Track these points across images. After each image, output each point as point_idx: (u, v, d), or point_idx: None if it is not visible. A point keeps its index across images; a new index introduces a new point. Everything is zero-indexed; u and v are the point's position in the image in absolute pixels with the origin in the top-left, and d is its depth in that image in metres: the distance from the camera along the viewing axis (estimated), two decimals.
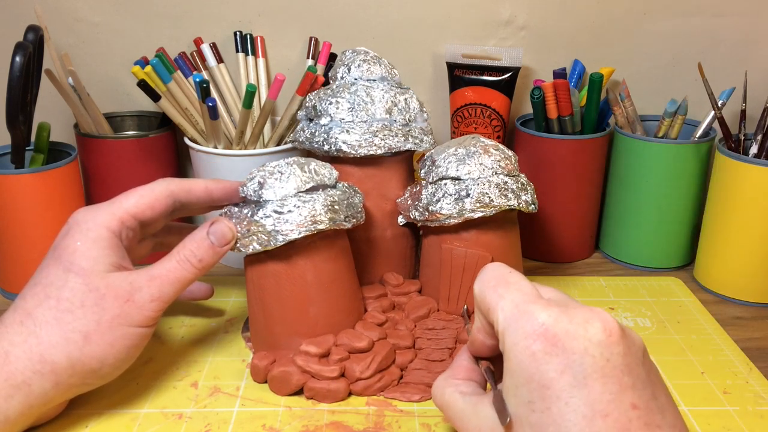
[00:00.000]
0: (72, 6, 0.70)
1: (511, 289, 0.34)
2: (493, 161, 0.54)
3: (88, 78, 0.72)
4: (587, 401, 0.29)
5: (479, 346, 0.39)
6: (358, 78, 0.58)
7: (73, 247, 0.43)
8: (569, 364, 0.30)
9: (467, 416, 0.36)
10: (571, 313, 0.32)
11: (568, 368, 0.30)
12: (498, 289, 0.34)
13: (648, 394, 0.31)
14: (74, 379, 0.42)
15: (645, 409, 0.30)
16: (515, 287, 0.34)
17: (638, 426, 0.29)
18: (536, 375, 0.30)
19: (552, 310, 0.32)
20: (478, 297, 0.36)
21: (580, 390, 0.30)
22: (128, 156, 0.67)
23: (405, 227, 0.60)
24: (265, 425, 0.46)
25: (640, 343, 0.33)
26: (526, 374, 0.31)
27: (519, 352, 0.31)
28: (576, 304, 0.33)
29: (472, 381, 0.40)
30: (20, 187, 0.57)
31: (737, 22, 0.72)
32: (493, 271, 0.36)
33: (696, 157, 0.65)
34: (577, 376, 0.30)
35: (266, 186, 0.48)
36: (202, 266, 0.46)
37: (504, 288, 0.34)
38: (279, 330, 0.50)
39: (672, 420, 0.31)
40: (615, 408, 0.29)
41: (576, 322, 0.31)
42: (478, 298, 0.36)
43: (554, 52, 0.74)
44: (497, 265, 0.37)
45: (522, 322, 0.32)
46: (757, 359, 0.54)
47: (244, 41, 0.71)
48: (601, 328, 0.31)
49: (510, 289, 0.34)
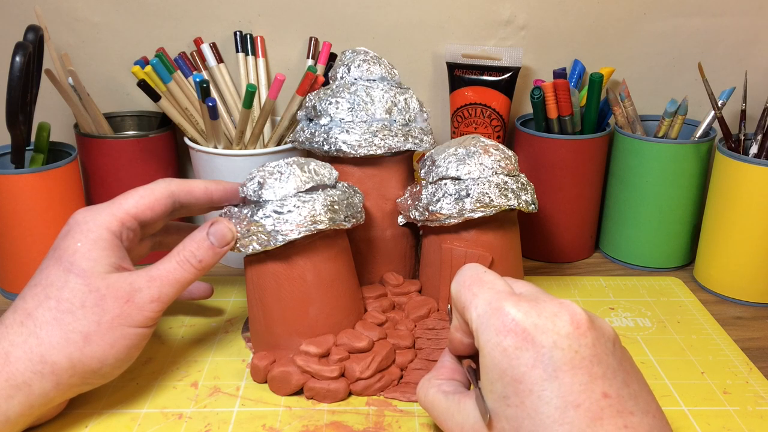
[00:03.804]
0: (72, 6, 0.70)
1: (485, 288, 0.35)
2: (493, 161, 0.54)
3: (88, 78, 0.72)
4: (559, 393, 0.30)
5: (458, 345, 0.40)
6: (358, 78, 0.58)
7: (74, 248, 0.43)
8: (539, 357, 0.31)
9: (451, 414, 0.37)
10: (540, 307, 0.32)
11: (539, 362, 0.31)
12: (472, 287, 0.35)
13: (619, 382, 0.31)
14: (74, 379, 0.42)
15: (617, 397, 0.31)
16: (488, 285, 0.35)
17: (610, 414, 0.30)
18: (509, 370, 0.31)
19: (522, 305, 0.32)
20: (454, 297, 0.37)
21: (551, 383, 0.30)
22: (128, 156, 0.67)
23: (405, 227, 0.60)
24: (265, 425, 0.46)
25: (611, 332, 0.33)
26: (499, 370, 0.32)
27: (491, 349, 0.32)
28: (546, 297, 0.34)
29: (455, 380, 0.40)
30: (20, 187, 0.57)
31: (737, 22, 0.72)
32: (469, 270, 0.37)
33: (696, 157, 0.65)
34: (548, 369, 0.31)
35: (266, 186, 0.48)
36: (202, 267, 0.46)
37: (478, 287, 0.35)
38: (279, 330, 0.50)
39: (645, 406, 0.32)
40: (586, 398, 0.30)
41: (545, 315, 0.32)
42: (455, 297, 0.37)
43: (554, 52, 0.74)
44: (473, 265, 0.38)
45: (494, 319, 0.32)
46: (757, 359, 0.54)
47: (244, 41, 0.71)
48: (569, 321, 0.32)
49: (483, 288, 0.35)
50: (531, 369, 0.31)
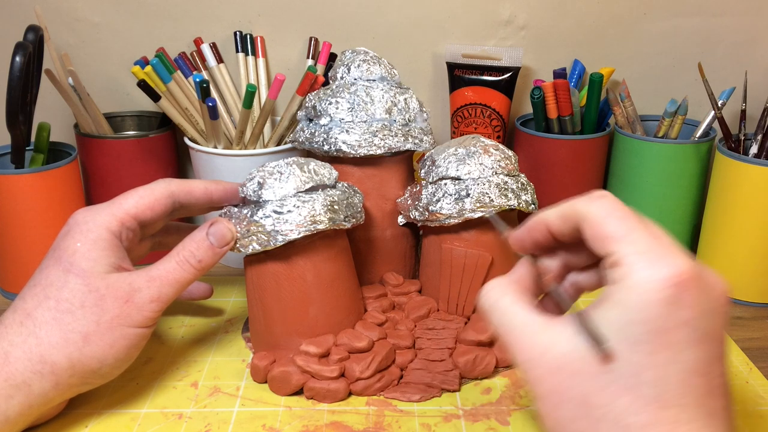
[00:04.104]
0: (72, 6, 0.70)
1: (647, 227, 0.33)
2: (493, 161, 0.54)
3: (88, 78, 0.72)
4: (694, 358, 0.30)
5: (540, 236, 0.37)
6: (358, 78, 0.58)
7: (73, 248, 0.43)
8: (691, 320, 0.30)
9: (532, 332, 0.33)
10: (704, 272, 0.32)
11: (688, 325, 0.30)
12: (628, 220, 0.33)
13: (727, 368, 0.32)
14: (74, 379, 0.42)
15: (725, 379, 0.31)
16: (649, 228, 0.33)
17: (721, 393, 0.31)
18: (658, 320, 0.30)
19: (690, 263, 0.31)
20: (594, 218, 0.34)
21: (690, 347, 0.30)
22: (128, 156, 0.67)
23: (405, 227, 0.60)
24: (265, 425, 0.46)
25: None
26: (646, 315, 0.30)
27: (647, 292, 0.30)
28: (700, 263, 0.33)
29: (531, 295, 0.37)
30: (20, 187, 0.57)
31: (737, 22, 0.72)
32: (618, 202, 0.34)
33: (696, 157, 0.65)
34: (693, 334, 0.30)
35: (266, 186, 0.48)
36: (202, 267, 0.46)
37: (636, 222, 0.33)
38: (279, 330, 0.50)
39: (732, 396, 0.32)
40: (710, 371, 0.30)
41: (705, 282, 0.31)
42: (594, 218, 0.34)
43: (554, 52, 0.74)
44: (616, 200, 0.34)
45: (660, 264, 0.31)
46: (757, 359, 0.54)
47: (244, 41, 0.71)
48: (721, 294, 0.32)
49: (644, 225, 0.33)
50: (679, 327, 0.30)
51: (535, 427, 0.45)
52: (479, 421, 0.46)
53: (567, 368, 0.31)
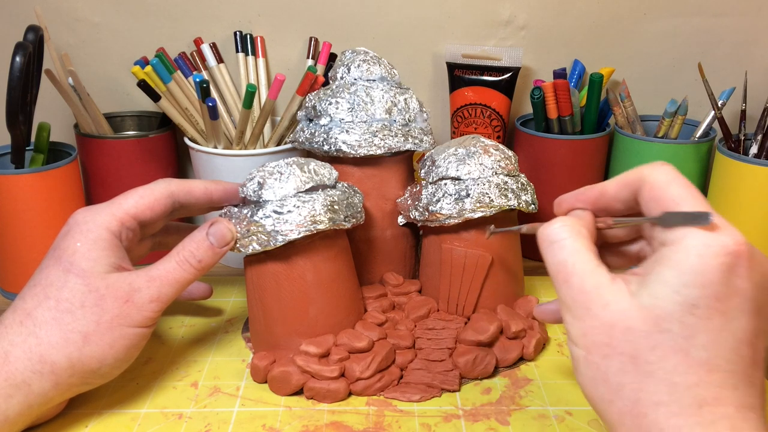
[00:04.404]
0: (72, 6, 0.70)
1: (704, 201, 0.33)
2: (493, 161, 0.54)
3: (88, 78, 0.72)
4: (744, 328, 0.31)
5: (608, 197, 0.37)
6: (358, 78, 0.58)
7: (73, 248, 0.43)
8: (744, 291, 0.31)
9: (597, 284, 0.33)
10: (755, 249, 0.32)
11: (742, 294, 0.31)
12: (690, 189, 0.34)
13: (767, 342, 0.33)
14: (74, 379, 0.42)
15: (765, 353, 0.32)
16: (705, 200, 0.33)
17: (762, 366, 0.32)
18: (715, 285, 0.31)
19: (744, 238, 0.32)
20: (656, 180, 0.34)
21: (743, 315, 0.31)
22: (128, 156, 0.67)
23: (405, 227, 0.60)
24: (265, 425, 0.46)
25: None
26: (704, 279, 0.31)
27: (709, 257, 0.31)
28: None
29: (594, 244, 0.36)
30: (20, 187, 0.57)
31: (737, 22, 0.72)
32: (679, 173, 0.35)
33: (696, 157, 0.65)
34: (747, 303, 0.31)
35: (266, 186, 0.48)
36: (202, 267, 0.46)
37: (696, 192, 0.34)
38: (279, 330, 0.50)
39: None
40: (755, 343, 0.31)
41: (758, 258, 0.32)
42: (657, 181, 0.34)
43: (554, 52, 0.74)
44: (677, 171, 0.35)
45: (722, 233, 0.31)
46: None
47: (244, 41, 0.71)
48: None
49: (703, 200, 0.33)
50: (735, 295, 0.31)
51: (535, 428, 0.45)
52: (479, 421, 0.46)
53: (622, 324, 0.32)
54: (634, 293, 0.32)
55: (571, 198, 0.39)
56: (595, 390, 0.33)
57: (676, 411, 0.30)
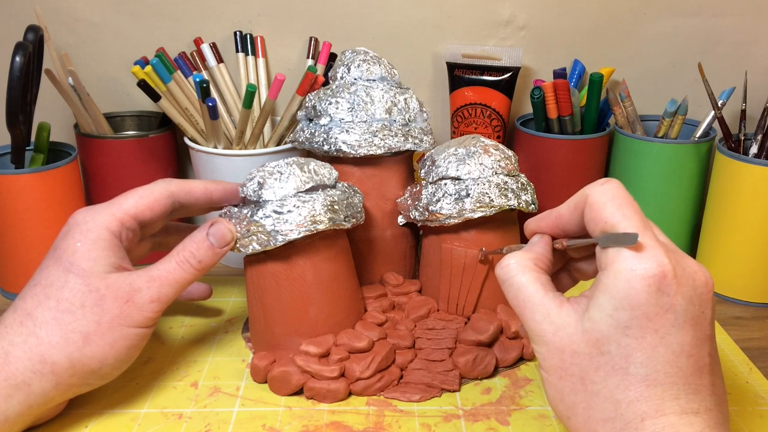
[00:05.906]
0: (72, 6, 0.70)
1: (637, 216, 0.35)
2: (493, 161, 0.54)
3: (88, 78, 0.72)
4: (680, 341, 0.33)
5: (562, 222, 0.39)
6: (358, 78, 0.58)
7: (73, 248, 0.43)
8: (675, 305, 0.32)
9: (545, 312, 0.35)
10: (684, 261, 0.34)
11: (673, 309, 0.32)
12: (624, 208, 0.35)
13: (715, 348, 0.35)
14: (74, 379, 0.42)
15: (714, 358, 0.34)
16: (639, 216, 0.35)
17: (708, 372, 0.33)
18: (644, 306, 0.32)
19: (670, 254, 0.33)
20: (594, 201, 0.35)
21: (677, 330, 0.32)
22: (128, 156, 0.67)
23: (405, 227, 0.60)
24: (265, 425, 0.46)
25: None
26: (632, 302, 0.32)
27: (634, 281, 0.32)
28: (683, 254, 0.35)
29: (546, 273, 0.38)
30: (20, 187, 0.57)
31: (737, 22, 0.72)
32: (619, 188, 0.36)
33: (696, 157, 0.65)
34: (678, 318, 0.33)
35: (266, 186, 0.48)
36: (202, 267, 0.46)
37: (630, 210, 0.35)
38: (279, 330, 0.50)
39: (720, 374, 0.35)
40: (697, 352, 0.33)
41: (687, 272, 0.34)
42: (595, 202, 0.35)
43: (554, 52, 0.74)
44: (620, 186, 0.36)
45: (645, 256, 0.33)
46: (757, 359, 0.54)
47: (244, 41, 0.71)
48: (705, 282, 0.34)
49: (636, 215, 0.35)
50: (664, 312, 0.32)
51: (535, 428, 0.45)
52: (479, 421, 0.46)
53: (569, 348, 0.34)
54: (581, 316, 0.34)
55: (534, 223, 0.41)
56: (556, 408, 0.35)
57: (621, 426, 0.32)
